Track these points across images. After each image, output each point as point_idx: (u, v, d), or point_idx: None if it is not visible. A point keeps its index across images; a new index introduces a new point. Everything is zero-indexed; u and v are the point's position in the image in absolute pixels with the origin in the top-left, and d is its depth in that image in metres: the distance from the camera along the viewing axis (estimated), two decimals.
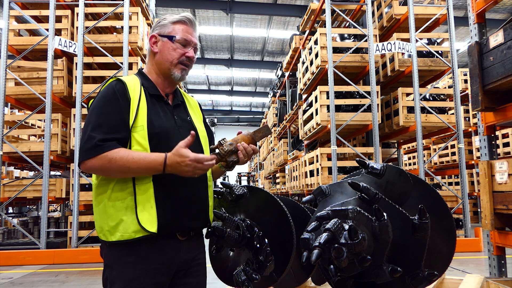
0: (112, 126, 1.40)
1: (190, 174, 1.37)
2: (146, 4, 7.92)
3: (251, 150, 1.55)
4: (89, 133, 1.38)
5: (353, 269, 1.35)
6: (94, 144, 1.36)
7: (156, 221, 1.38)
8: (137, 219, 1.37)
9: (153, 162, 1.36)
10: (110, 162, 1.35)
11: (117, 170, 1.36)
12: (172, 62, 1.53)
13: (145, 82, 1.55)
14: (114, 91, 1.45)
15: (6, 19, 6.53)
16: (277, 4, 14.14)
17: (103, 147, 1.36)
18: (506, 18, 13.50)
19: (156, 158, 1.36)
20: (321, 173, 6.56)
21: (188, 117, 1.61)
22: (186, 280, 1.50)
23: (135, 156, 1.36)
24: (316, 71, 7.18)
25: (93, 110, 1.44)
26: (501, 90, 2.86)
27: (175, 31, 1.54)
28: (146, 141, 1.42)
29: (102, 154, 1.35)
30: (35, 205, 12.50)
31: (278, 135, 13.60)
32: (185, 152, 1.34)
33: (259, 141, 1.58)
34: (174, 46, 1.53)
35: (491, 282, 2.44)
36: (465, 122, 10.43)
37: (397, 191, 1.58)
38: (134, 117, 1.43)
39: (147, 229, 1.37)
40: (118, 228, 1.39)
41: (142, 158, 1.36)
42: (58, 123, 6.62)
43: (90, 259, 5.97)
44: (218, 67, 21.49)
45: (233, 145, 1.50)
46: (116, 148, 1.37)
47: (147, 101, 1.49)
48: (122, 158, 1.35)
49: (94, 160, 1.36)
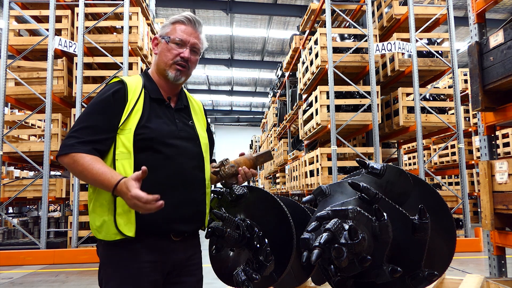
0: (97, 130, 1.41)
1: (134, 208, 1.28)
2: (146, 4, 7.92)
3: (250, 175, 1.58)
4: (71, 132, 1.41)
5: (353, 269, 1.35)
6: (70, 143, 1.38)
7: (134, 225, 1.38)
8: (115, 223, 1.38)
9: (105, 182, 1.33)
10: (74, 163, 1.37)
11: (77, 174, 1.39)
12: (166, 63, 1.53)
13: (148, 83, 1.54)
14: (111, 94, 1.45)
15: (6, 19, 6.53)
16: (277, 4, 14.14)
17: (73, 148, 1.37)
18: (506, 18, 13.49)
19: (110, 180, 1.32)
20: (321, 173, 6.56)
21: (190, 122, 1.59)
22: (182, 279, 1.51)
23: (94, 168, 1.34)
24: (316, 71, 7.18)
25: (86, 109, 1.46)
26: (501, 90, 2.86)
27: (172, 32, 1.54)
28: (131, 144, 1.41)
29: (70, 154, 1.37)
30: (35, 205, 12.50)
31: (278, 135, 13.60)
32: (130, 185, 1.26)
33: (260, 165, 1.61)
34: (169, 46, 1.53)
35: (491, 282, 2.44)
36: (465, 122, 10.43)
37: (397, 191, 1.58)
38: (124, 119, 1.43)
39: (124, 233, 1.37)
40: (102, 228, 1.40)
41: (99, 174, 1.33)
42: (58, 123, 6.62)
43: (90, 259, 5.97)
44: (218, 67, 21.49)
45: (235, 168, 1.52)
46: (84, 153, 1.37)
47: (144, 104, 1.48)
48: (83, 165, 1.35)
49: (64, 158, 1.39)
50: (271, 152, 1.64)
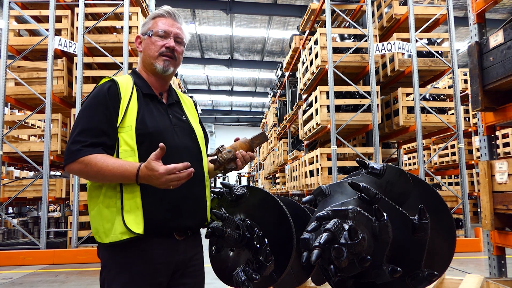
0: (99, 130, 1.40)
1: (165, 187, 1.32)
2: (146, 4, 7.92)
3: (248, 158, 1.56)
4: (74, 137, 1.39)
5: (353, 269, 1.35)
6: (76, 148, 1.37)
7: (142, 222, 1.37)
8: (123, 220, 1.36)
9: (126, 172, 1.34)
10: (86, 166, 1.35)
11: (93, 176, 1.37)
12: (152, 56, 1.53)
13: (138, 81, 1.54)
14: (105, 93, 1.44)
15: (6, 19, 6.53)
16: (277, 4, 14.14)
17: (81, 152, 1.36)
18: (506, 18, 13.50)
19: (129, 169, 1.34)
20: (321, 173, 6.56)
21: (183, 116, 1.60)
22: (184, 280, 1.50)
23: (109, 164, 1.34)
24: (316, 71, 7.18)
25: (83, 111, 1.45)
26: (501, 90, 2.86)
27: (153, 26, 1.55)
28: (134, 141, 1.41)
29: (80, 158, 1.36)
30: (35, 205, 12.49)
31: (278, 135, 13.59)
32: (155, 165, 1.29)
33: (256, 147, 1.60)
34: (152, 40, 1.53)
35: (491, 282, 2.44)
36: (465, 122, 10.43)
37: (397, 191, 1.58)
38: (122, 117, 1.42)
39: (133, 231, 1.36)
40: (111, 230, 1.38)
41: (117, 167, 1.34)
42: (58, 123, 6.62)
43: (90, 259, 5.97)
44: (218, 67, 21.49)
45: (232, 153, 1.51)
46: (94, 154, 1.36)
47: (139, 100, 1.48)
48: (97, 164, 1.34)
49: (73, 164, 1.37)
50: (266, 133, 1.64)
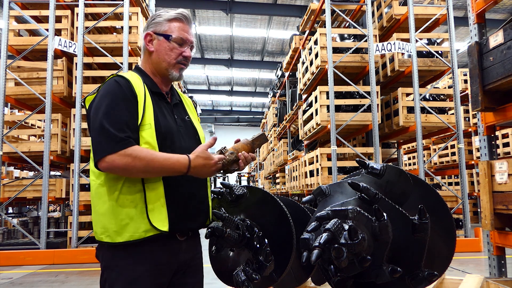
0: (127, 125, 1.33)
1: (208, 175, 1.41)
2: (146, 4, 7.92)
3: (250, 159, 1.56)
4: (108, 129, 1.29)
5: (353, 269, 1.35)
6: (120, 138, 1.28)
7: (167, 220, 1.37)
8: (147, 218, 1.35)
9: (176, 164, 1.34)
10: (134, 160, 1.28)
11: (139, 170, 1.30)
12: (170, 63, 1.49)
13: (146, 79, 1.50)
14: (122, 88, 1.37)
15: (6, 19, 6.53)
16: (277, 4, 14.14)
17: (127, 142, 1.29)
18: (506, 18, 13.51)
19: (179, 159, 1.34)
20: (321, 173, 6.56)
21: (186, 117, 1.59)
22: (185, 280, 1.50)
23: (158, 156, 1.32)
24: (316, 71, 7.18)
25: (104, 107, 1.34)
26: (501, 90, 2.86)
27: (171, 30, 1.49)
28: (154, 139, 1.37)
29: (126, 149, 1.28)
30: (35, 205, 12.49)
31: (278, 135, 13.59)
32: (208, 154, 1.39)
33: (256, 148, 1.61)
34: (171, 45, 1.48)
35: (491, 282, 2.44)
36: (465, 122, 10.43)
37: (397, 191, 1.58)
38: (142, 114, 1.38)
39: (158, 228, 1.35)
40: (126, 229, 1.35)
41: (166, 159, 1.33)
42: (58, 123, 6.62)
43: (90, 259, 5.96)
44: (218, 67, 21.48)
45: (235, 154, 1.52)
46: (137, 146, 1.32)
47: (152, 99, 1.45)
48: (146, 157, 1.29)
49: (116, 157, 1.28)
50: (266, 134, 1.65)
